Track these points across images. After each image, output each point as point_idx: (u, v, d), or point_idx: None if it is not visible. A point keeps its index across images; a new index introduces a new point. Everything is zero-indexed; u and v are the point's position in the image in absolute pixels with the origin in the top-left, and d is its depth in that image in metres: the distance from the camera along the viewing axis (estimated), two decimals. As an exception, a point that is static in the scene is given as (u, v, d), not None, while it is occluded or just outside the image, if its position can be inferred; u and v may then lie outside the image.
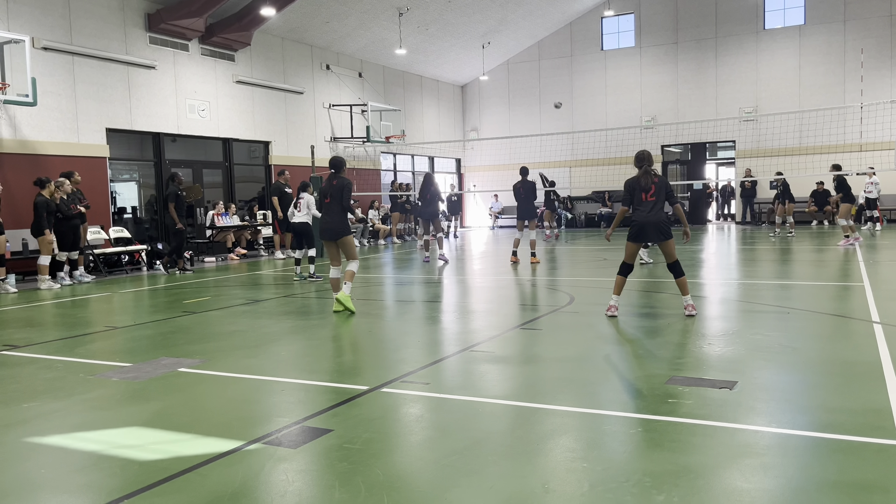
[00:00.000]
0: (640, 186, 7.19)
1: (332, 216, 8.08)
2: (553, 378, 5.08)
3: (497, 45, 26.13)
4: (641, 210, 7.16)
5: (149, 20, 16.03)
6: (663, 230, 7.12)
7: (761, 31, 24.38)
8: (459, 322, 7.71)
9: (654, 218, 7.09)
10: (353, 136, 21.86)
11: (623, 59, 26.36)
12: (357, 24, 20.67)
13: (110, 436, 4.05)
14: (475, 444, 3.72)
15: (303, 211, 11.44)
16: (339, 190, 8.07)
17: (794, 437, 3.71)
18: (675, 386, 4.64)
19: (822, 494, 3.01)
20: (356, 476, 3.33)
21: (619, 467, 3.35)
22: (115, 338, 7.20)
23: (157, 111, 16.23)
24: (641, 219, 7.13)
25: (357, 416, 4.25)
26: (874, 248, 14.12)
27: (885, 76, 22.76)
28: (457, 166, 29.04)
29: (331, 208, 8.11)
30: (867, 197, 20.04)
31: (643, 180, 7.18)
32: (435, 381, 5.09)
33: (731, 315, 7.48)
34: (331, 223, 8.08)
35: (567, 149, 25.54)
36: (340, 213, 8.09)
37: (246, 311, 8.57)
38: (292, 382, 5.14)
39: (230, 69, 18.18)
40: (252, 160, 19.46)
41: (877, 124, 20.87)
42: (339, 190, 8.07)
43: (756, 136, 24.10)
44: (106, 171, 15.10)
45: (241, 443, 3.80)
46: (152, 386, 5.12)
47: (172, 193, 13.44)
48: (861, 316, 6.92)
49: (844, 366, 5.10)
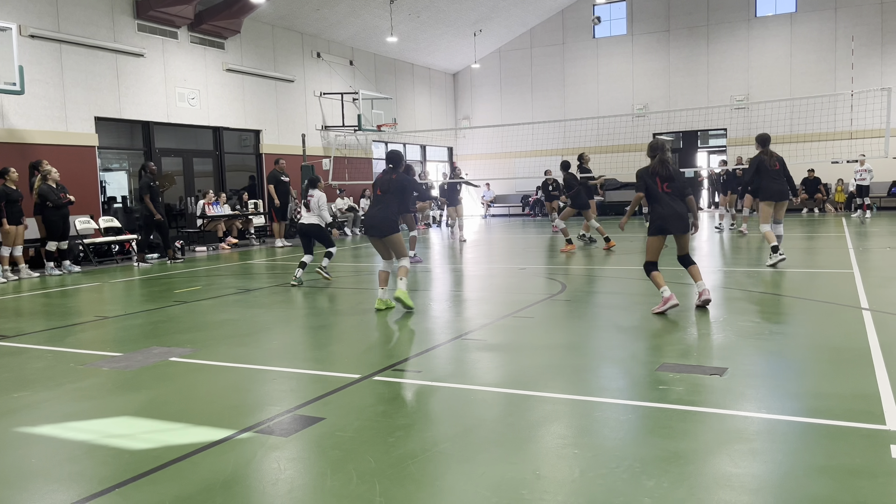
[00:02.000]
0: (657, 175, 6.82)
1: (384, 212, 7.36)
2: (544, 365, 5.09)
3: (489, 32, 26.02)
4: (661, 202, 6.78)
5: (137, 7, 15.87)
6: (686, 221, 6.81)
7: (753, 18, 24.37)
8: (452, 310, 7.71)
9: (678, 209, 6.75)
10: (344, 124, 21.77)
11: (615, 47, 26.31)
12: (348, 12, 20.54)
13: (101, 425, 4.04)
14: (467, 432, 3.73)
15: (314, 211, 9.69)
16: (400, 187, 7.40)
17: (784, 422, 3.74)
18: (665, 372, 4.66)
19: (809, 479, 3.03)
20: (348, 464, 3.33)
21: (609, 453, 3.37)
22: (106, 327, 7.17)
23: (146, 99, 16.10)
24: (664, 212, 6.75)
25: (349, 405, 4.25)
26: (864, 236, 14.20)
27: (876, 64, 22.82)
28: (449, 155, 28.98)
29: (384, 203, 7.40)
30: (859, 184, 20.13)
31: (660, 170, 6.80)
32: (427, 368, 5.10)
33: (721, 302, 7.51)
34: (379, 220, 7.36)
35: (559, 137, 25.51)
36: (393, 211, 7.41)
37: (237, 301, 8.55)
38: (284, 371, 5.14)
39: (220, 57, 18.04)
40: (243, 149, 19.36)
41: (867, 112, 20.91)
42: (400, 187, 7.40)
43: (747, 123, 24.13)
44: (95, 160, 14.99)
45: (232, 431, 3.80)
46: (143, 375, 5.11)
47: (145, 184, 13.21)
48: (850, 303, 6.97)
49: (833, 352, 5.14)
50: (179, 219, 17.55)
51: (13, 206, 11.44)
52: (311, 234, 9.76)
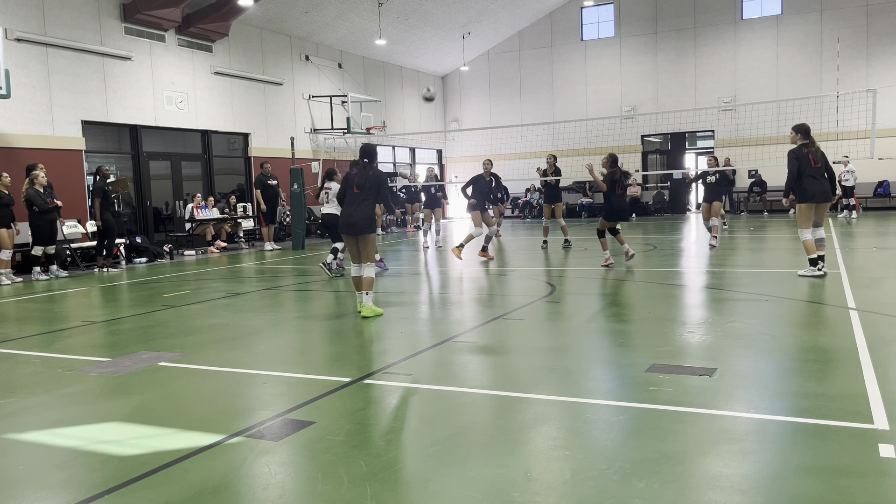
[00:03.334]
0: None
1: (360, 209, 7.22)
2: (534, 367, 5.10)
3: (477, 35, 26.06)
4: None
5: (124, 10, 15.79)
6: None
7: (739, 21, 24.54)
8: (441, 313, 7.71)
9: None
10: (333, 127, 21.73)
11: (603, 49, 26.41)
12: (336, 15, 20.52)
13: (90, 431, 4.01)
14: (457, 434, 3.73)
15: (332, 202, 10.40)
16: (376, 182, 7.25)
17: (773, 422, 3.77)
18: (655, 374, 4.68)
19: (798, 479, 3.06)
20: (339, 468, 3.33)
21: (600, 455, 3.38)
22: (94, 332, 7.12)
23: (133, 103, 16.02)
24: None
25: (339, 408, 4.24)
26: (850, 236, 14.32)
27: (861, 66, 23.02)
28: (438, 157, 29.00)
29: (360, 200, 7.25)
30: (843, 185, 20.30)
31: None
32: (417, 371, 5.09)
33: (709, 303, 7.55)
34: (355, 217, 7.23)
35: (548, 139, 25.57)
36: (369, 208, 7.28)
37: (227, 305, 8.52)
38: (274, 375, 5.12)
39: (208, 60, 17.97)
40: (231, 152, 19.29)
41: (853, 113, 21.07)
42: (376, 182, 7.25)
43: (735, 125, 24.28)
44: (82, 164, 14.89)
45: (222, 436, 3.78)
46: (132, 380, 5.08)
47: (99, 189, 12.75)
48: (837, 303, 7.02)
49: (821, 352, 5.18)
50: (168, 222, 17.46)
51: (4, 210, 11.39)
52: (331, 224, 10.36)
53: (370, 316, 7.19)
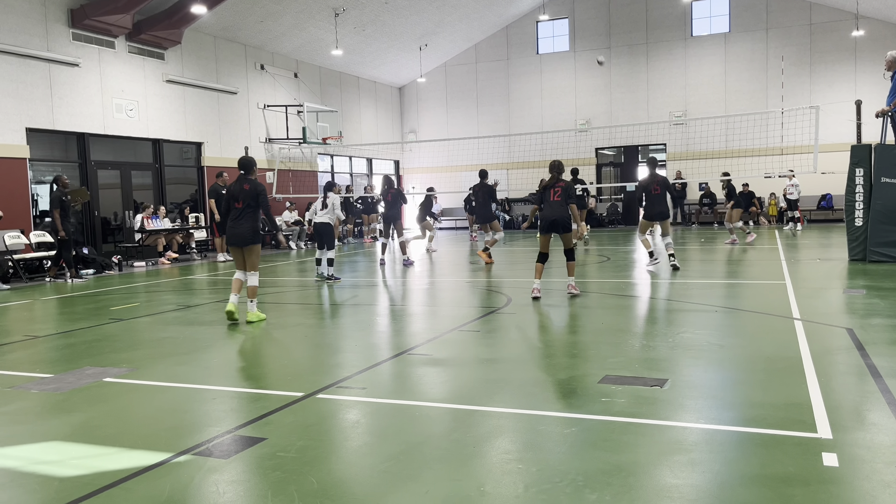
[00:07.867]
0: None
1: (245, 222, 7.65)
2: (489, 380, 5.10)
3: (434, 47, 26.17)
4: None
5: (72, 16, 15.41)
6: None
7: (689, 37, 25.19)
8: (397, 325, 7.67)
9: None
10: (288, 137, 21.53)
11: (558, 63, 26.79)
12: (292, 24, 20.38)
13: (29, 451, 3.86)
14: (411, 449, 3.70)
15: (328, 211, 11.27)
16: (254, 194, 7.67)
17: (721, 432, 3.84)
18: (608, 385, 4.73)
19: (745, 488, 3.11)
20: (290, 485, 3.26)
21: (553, 467, 3.39)
22: (36, 347, 6.88)
23: (81, 110, 15.61)
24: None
25: (291, 424, 4.17)
26: (795, 248, 14.75)
27: (805, 83, 23.84)
28: (395, 168, 28.96)
29: (244, 214, 7.67)
30: (788, 198, 20.93)
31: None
32: (371, 385, 5.05)
33: (661, 314, 7.68)
34: (242, 230, 7.65)
35: (504, 151, 25.81)
36: (253, 220, 7.69)
37: (177, 318, 8.33)
38: (224, 390, 5.01)
39: (160, 68, 17.64)
40: (184, 161, 18.93)
41: (797, 129, 21.81)
42: (254, 194, 7.67)
43: (686, 139, 24.87)
44: (26, 173, 14.44)
45: (169, 454, 3.68)
46: (75, 397, 4.91)
47: (56, 199, 12.44)
48: (783, 313, 7.22)
49: (767, 361, 5.30)
50: (117, 233, 17.02)
51: None
52: (323, 231, 11.24)
53: (255, 321, 7.65)
